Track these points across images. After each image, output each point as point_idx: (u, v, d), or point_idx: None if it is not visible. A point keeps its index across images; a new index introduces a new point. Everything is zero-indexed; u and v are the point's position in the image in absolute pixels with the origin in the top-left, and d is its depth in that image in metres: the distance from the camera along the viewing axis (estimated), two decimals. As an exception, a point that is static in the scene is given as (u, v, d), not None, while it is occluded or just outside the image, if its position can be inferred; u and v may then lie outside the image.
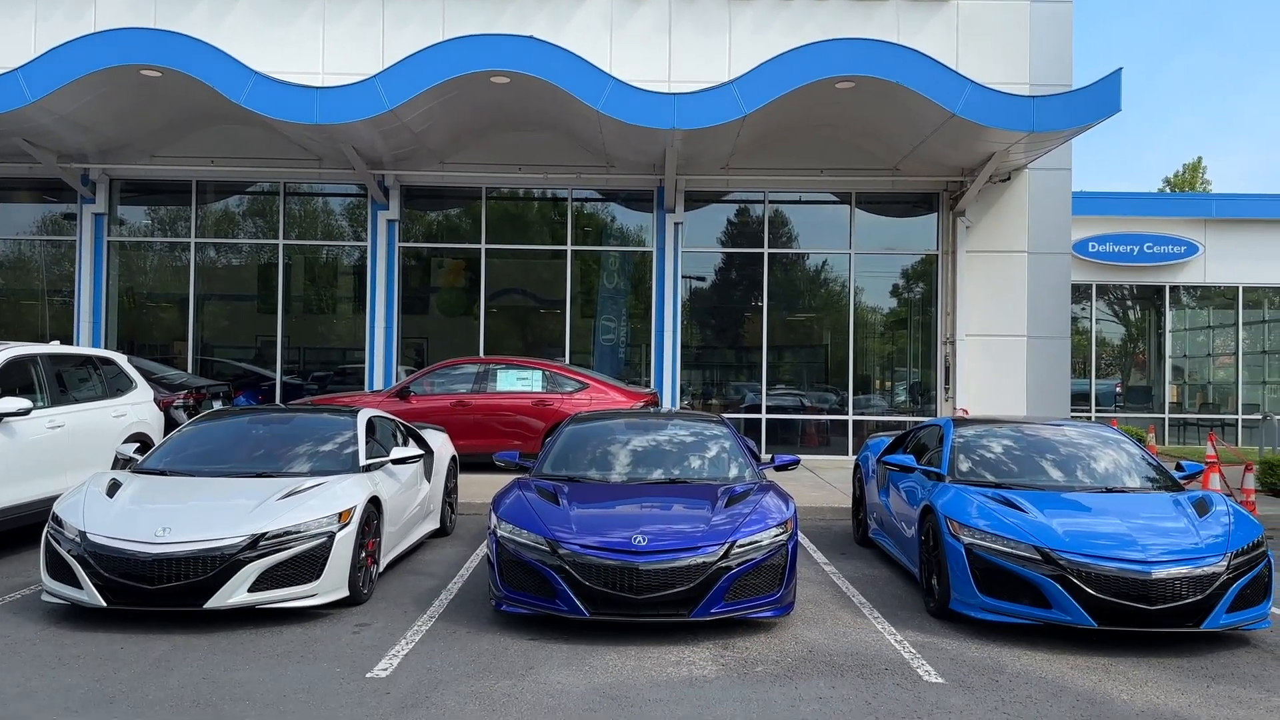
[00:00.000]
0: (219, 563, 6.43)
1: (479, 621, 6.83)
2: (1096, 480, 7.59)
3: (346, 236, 17.31)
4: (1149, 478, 7.68)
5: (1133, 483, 7.57)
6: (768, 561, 6.54)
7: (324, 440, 8.16)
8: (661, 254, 16.49)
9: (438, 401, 13.78)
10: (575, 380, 13.97)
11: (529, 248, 17.20)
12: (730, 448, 8.06)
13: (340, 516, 6.96)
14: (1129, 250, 20.65)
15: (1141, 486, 7.52)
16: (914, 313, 17.35)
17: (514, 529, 6.71)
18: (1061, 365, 16.45)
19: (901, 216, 17.11)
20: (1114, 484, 7.53)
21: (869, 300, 17.24)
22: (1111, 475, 7.67)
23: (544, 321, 17.38)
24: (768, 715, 5.07)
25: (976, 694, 5.46)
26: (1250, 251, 20.72)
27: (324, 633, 6.53)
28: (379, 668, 5.80)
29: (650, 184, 16.48)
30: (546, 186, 16.83)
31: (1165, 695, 5.49)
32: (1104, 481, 7.57)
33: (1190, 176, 45.30)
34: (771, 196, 16.73)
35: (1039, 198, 16.31)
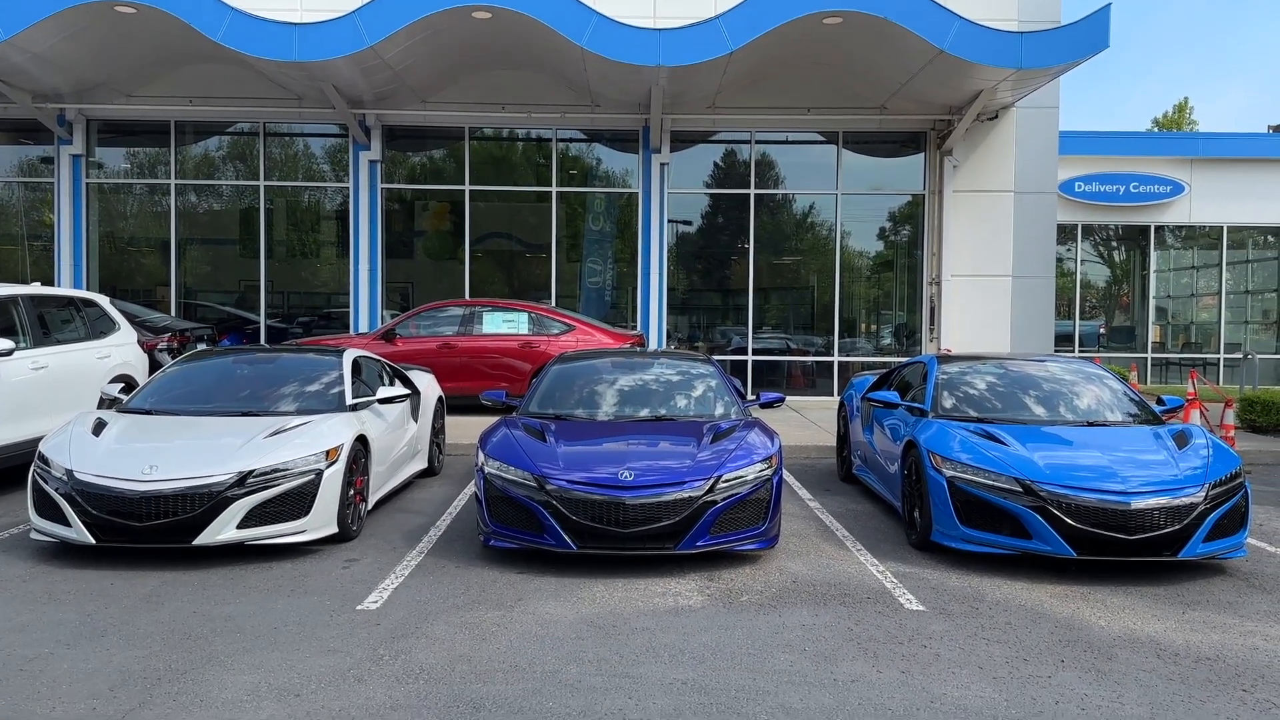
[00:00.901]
0: (207, 500, 6.46)
1: (468, 557, 6.90)
2: (1078, 415, 7.67)
3: (328, 178, 17.14)
4: (1130, 412, 7.76)
5: (1114, 417, 7.66)
6: (753, 496, 6.61)
7: (310, 380, 8.15)
8: (647, 196, 16.39)
9: (423, 344, 13.76)
10: (561, 322, 13.96)
11: (513, 189, 17.07)
12: (716, 386, 8.10)
13: (328, 454, 6.98)
14: (1115, 190, 20.63)
15: (1122, 420, 7.60)
16: (899, 254, 17.35)
17: (501, 465, 6.75)
18: (1046, 305, 16.52)
19: (888, 156, 17.02)
20: (1095, 418, 7.61)
21: (855, 242, 17.22)
22: (1093, 410, 7.75)
23: (529, 265, 17.31)
24: (753, 641, 5.16)
25: (956, 620, 5.56)
26: (1235, 190, 20.72)
27: (313, 568, 6.58)
28: (369, 600, 5.86)
29: (636, 124, 16.33)
30: (530, 126, 16.65)
31: (1142, 621, 5.61)
32: (1086, 416, 7.65)
33: (1178, 117, 45.16)
34: (758, 136, 16.61)
35: (1026, 137, 16.25)
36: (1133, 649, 5.12)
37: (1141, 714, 4.28)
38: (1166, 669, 4.84)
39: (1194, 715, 4.29)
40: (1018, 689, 4.55)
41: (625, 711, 4.26)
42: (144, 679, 4.60)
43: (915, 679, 4.65)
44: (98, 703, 4.33)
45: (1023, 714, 4.26)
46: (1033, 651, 5.06)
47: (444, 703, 4.35)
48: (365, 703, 4.35)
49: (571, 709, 4.28)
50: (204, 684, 4.55)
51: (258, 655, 4.93)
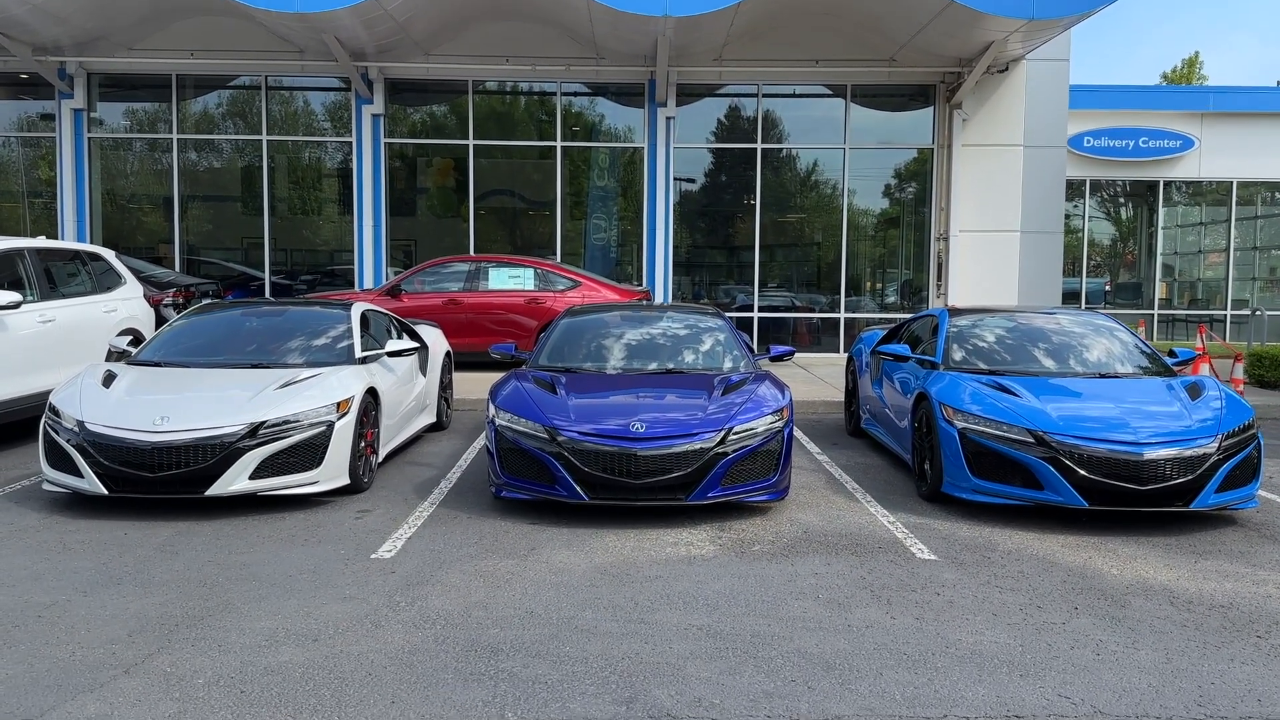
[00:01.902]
0: (219, 450, 6.46)
1: (479, 508, 6.91)
2: (1090, 366, 7.64)
3: (331, 133, 17.00)
4: (1142, 364, 7.73)
5: (1126, 368, 7.63)
6: (764, 448, 6.61)
7: (319, 333, 8.13)
8: (653, 150, 16.25)
9: (429, 300, 13.72)
10: (567, 278, 13.91)
11: (517, 144, 16.93)
12: (725, 339, 8.07)
13: (339, 406, 6.97)
14: (1124, 145, 20.44)
15: (1134, 372, 7.58)
16: (907, 210, 17.23)
17: (512, 417, 6.74)
18: (1053, 261, 16.43)
19: (897, 110, 16.85)
20: (1107, 370, 7.58)
21: (862, 198, 17.09)
22: (1105, 361, 7.73)
23: (533, 222, 17.22)
24: (765, 589, 5.18)
25: (968, 569, 5.58)
26: (1246, 146, 20.52)
27: (326, 518, 6.60)
28: (383, 549, 5.88)
29: (641, 76, 16.15)
30: (534, 79, 16.48)
31: (1154, 570, 5.62)
32: (1097, 368, 7.62)
33: (1187, 72, 44.67)
34: (765, 89, 16.43)
35: (1036, 90, 16.07)
36: (1146, 597, 5.14)
37: (1156, 659, 4.30)
38: (1180, 616, 4.85)
39: (1208, 660, 4.30)
40: (1032, 635, 4.56)
41: (642, 655, 4.28)
42: (162, 625, 4.62)
43: (929, 625, 4.66)
44: (116, 647, 4.35)
45: (1037, 659, 4.28)
46: (1046, 599, 5.08)
47: (462, 647, 4.36)
48: (383, 647, 4.37)
49: (589, 653, 4.30)
50: (222, 629, 4.57)
51: (274, 602, 4.95)
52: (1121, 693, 3.95)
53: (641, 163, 16.46)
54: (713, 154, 16.91)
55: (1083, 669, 4.17)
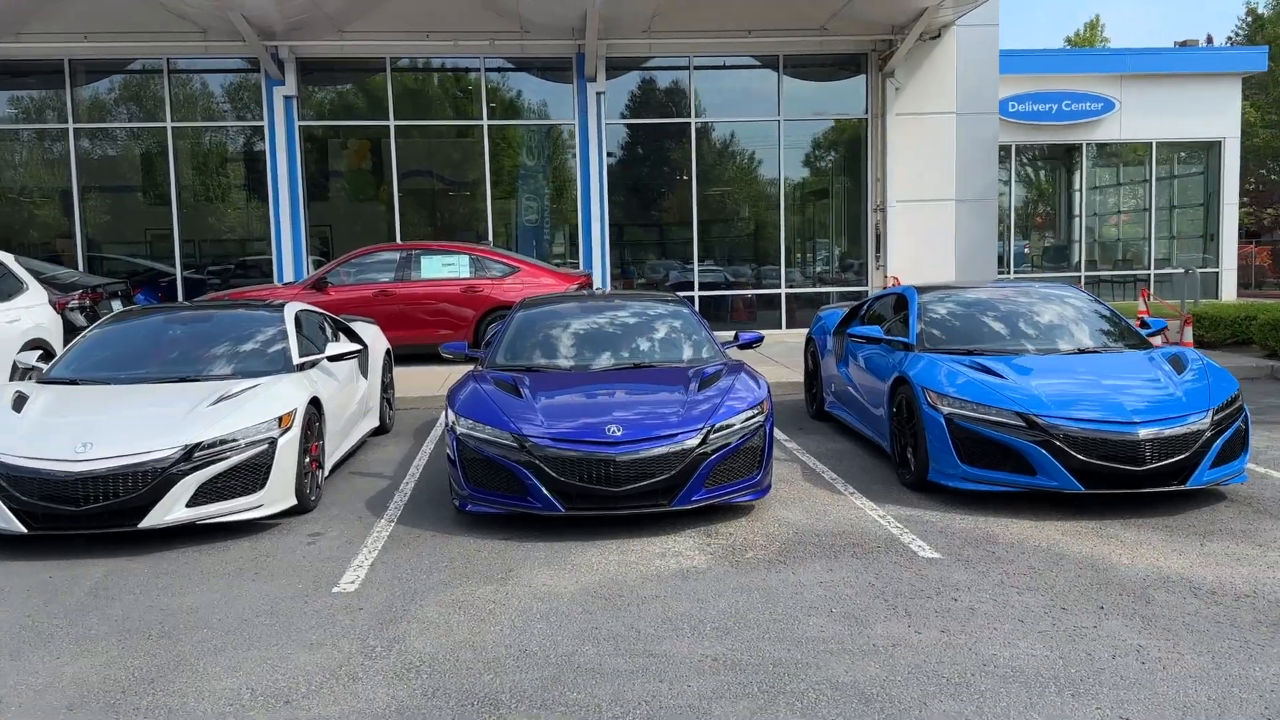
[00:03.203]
0: (151, 478, 5.83)
1: (442, 523, 6.41)
2: (1069, 342, 7.43)
3: (241, 117, 16.06)
4: (1118, 337, 7.55)
5: (1104, 342, 7.43)
6: (746, 445, 6.23)
7: (251, 338, 7.49)
8: (584, 127, 15.71)
9: (358, 292, 13.03)
10: (505, 264, 13.34)
11: (440, 123, 16.23)
12: (693, 328, 7.66)
13: (281, 421, 6.38)
14: (1048, 109, 20.54)
15: (1113, 346, 7.38)
16: (843, 182, 17.01)
17: (475, 424, 6.24)
18: (989, 228, 16.40)
19: (830, 80, 16.58)
20: (1086, 345, 7.38)
21: (797, 171, 16.82)
22: (1081, 336, 7.52)
23: (460, 204, 16.56)
24: (774, 606, 4.80)
25: (977, 568, 5.28)
26: (1163, 107, 20.80)
27: (275, 546, 6.03)
28: (345, 581, 5.35)
29: (568, 50, 15.57)
30: (456, 55, 15.76)
31: (1163, 557, 5.40)
32: (1076, 343, 7.41)
33: (1090, 35, 45.51)
34: (697, 62, 15.98)
35: (967, 56, 15.94)
36: (1166, 589, 4.90)
37: (1204, 664, 4.04)
38: (1209, 610, 4.61)
39: (1256, 663, 4.06)
40: (1066, 643, 4.27)
41: (659, 698, 3.87)
42: (106, 693, 4.05)
43: (958, 639, 4.34)
44: (56, 727, 3.78)
45: (1082, 672, 3.98)
46: (1067, 599, 4.80)
47: (455, 700, 3.90)
48: (366, 706, 3.88)
49: (600, 698, 3.88)
50: (177, 694, 4.02)
51: (233, 654, 4.41)
52: (1184, 709, 3.67)
53: (572, 140, 15.90)
54: (645, 129, 16.44)
55: (1133, 682, 3.89)
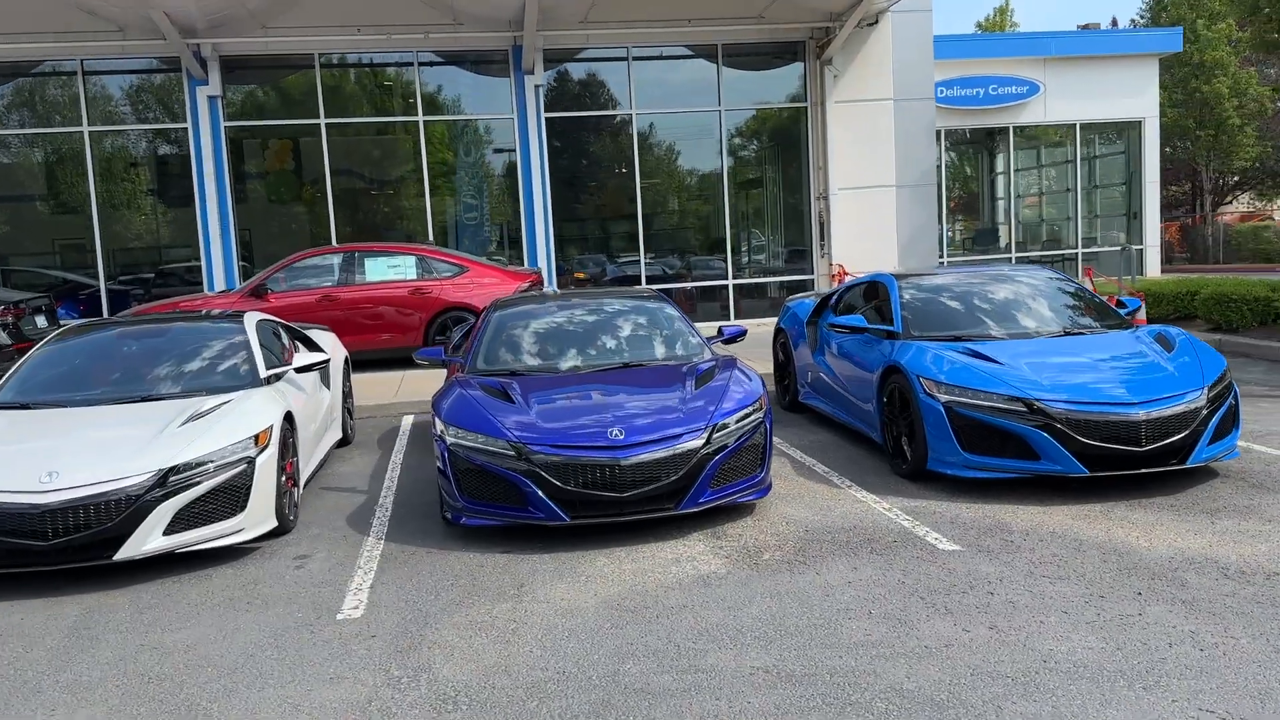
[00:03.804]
0: (125, 506, 5.43)
1: (434, 538, 6.12)
2: (1052, 324, 7.42)
3: (162, 119, 15.35)
4: (1099, 316, 7.57)
5: (1088, 324, 7.44)
6: (748, 442, 6.07)
7: (212, 352, 7.08)
8: (523, 122, 15.37)
9: (300, 298, 12.53)
10: (452, 264, 12.97)
11: (374, 120, 15.74)
12: (677, 323, 7.47)
13: (257, 439, 6.01)
14: (975, 93, 20.82)
15: (1097, 326, 7.39)
16: (786, 170, 16.97)
17: (467, 433, 5.96)
18: (930, 214, 16.52)
19: (769, 69, 16.51)
20: (1071, 327, 7.37)
21: (740, 161, 16.74)
22: (1065, 318, 7.53)
23: (397, 203, 16.09)
24: (807, 610, 4.65)
25: (1000, 558, 5.20)
26: (1086, 89, 21.24)
27: (261, 572, 5.68)
28: (348, 607, 5.04)
29: (504, 43, 15.21)
30: (389, 50, 15.27)
31: (1179, 537, 5.39)
32: (1060, 325, 7.41)
33: (999, 20, 46.38)
34: (635, 52, 15.76)
35: (902, 42, 16.01)
36: (1196, 571, 4.87)
37: (1264, 649, 3.99)
38: (1246, 591, 4.59)
39: (1310, 642, 4.03)
40: (1118, 633, 4.20)
41: (721, 717, 3.68)
42: (116, 748, 3.71)
43: (1009, 635, 4.23)
44: (69, 791, 3.44)
45: (1145, 664, 3.90)
46: (1102, 586, 4.74)
47: (505, 733, 3.66)
48: (409, 745, 3.61)
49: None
50: (197, 746, 3.70)
51: (246, 696, 4.09)
52: (1260, 696, 3.61)
53: (511, 135, 15.55)
54: (585, 123, 16.17)
55: (1200, 671, 3.82)
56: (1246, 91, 33.69)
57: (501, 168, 16.02)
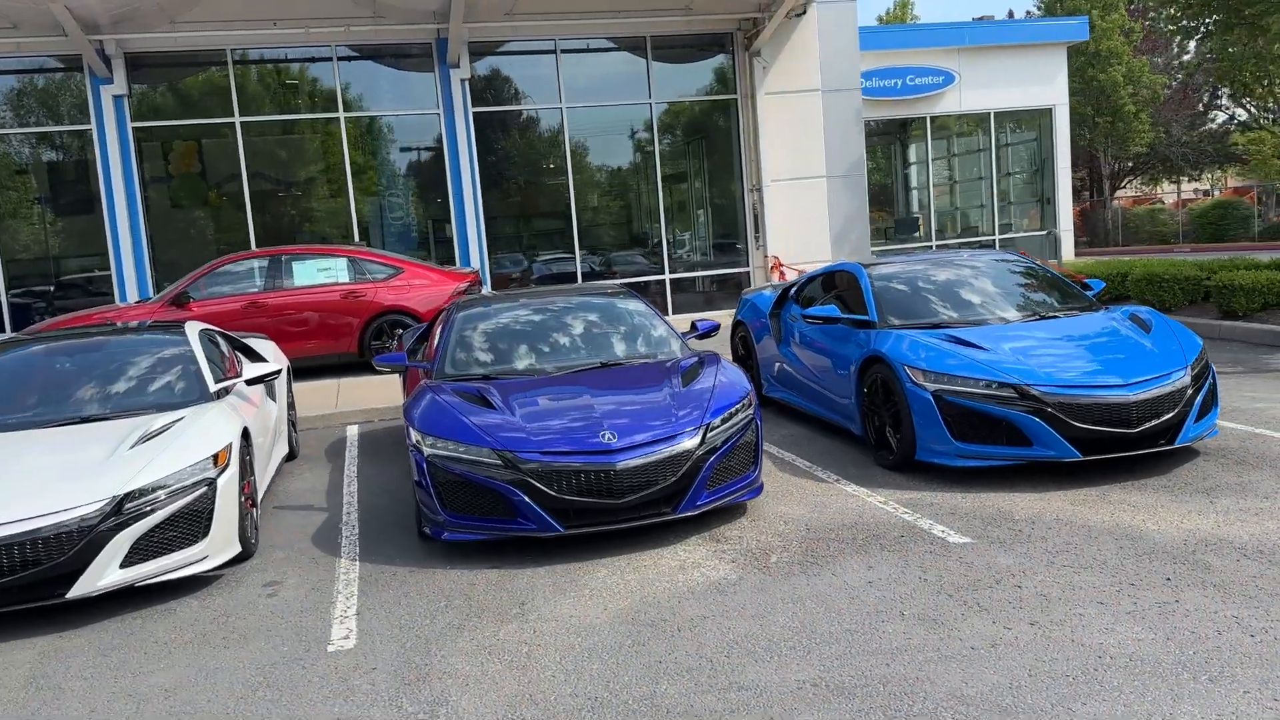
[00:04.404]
0: (78, 538, 4.94)
1: (411, 556, 5.75)
2: (1025, 308, 7.36)
3: (64, 121, 14.44)
4: (1069, 299, 7.54)
5: (1064, 307, 7.39)
6: (741, 440, 5.84)
7: (155, 366, 6.56)
8: (450, 117, 14.90)
9: (225, 305, 11.88)
10: (386, 265, 12.46)
11: (293, 118, 15.08)
12: (651, 319, 7.21)
13: (216, 459, 5.55)
14: (894, 84, 21.01)
15: (1072, 309, 7.35)
16: (718, 163, 16.81)
17: (447, 444, 5.60)
18: (860, 203, 16.56)
19: (698, 61, 16.34)
20: (1045, 310, 7.32)
21: (672, 154, 16.53)
22: (1038, 301, 7.48)
23: (321, 204, 15.46)
24: (835, 614, 4.44)
25: (1016, 549, 5.07)
26: (999, 78, 21.60)
27: (230, 602, 5.24)
28: (337, 637, 4.65)
29: (428, 36, 14.71)
30: (308, 45, 14.62)
31: (1184, 518, 5.34)
32: (1034, 309, 7.35)
33: (900, 13, 47.20)
34: (563, 45, 15.42)
35: (829, 33, 16.01)
36: (1215, 553, 4.81)
37: (1311, 630, 3.92)
38: (1272, 571, 4.53)
39: (1353, 621, 3.98)
40: (1161, 622, 4.09)
41: (780, 737, 3.44)
42: (109, 816, 3.30)
43: (1053, 631, 4.09)
44: None
45: (1200, 654, 3.79)
46: (1127, 573, 4.64)
47: (550, 770, 3.35)
48: (446, 791, 3.28)
49: (715, 747, 3.41)
50: (203, 807, 3.31)
51: (248, 745, 3.70)
52: (1329, 683, 3.52)
53: (438, 131, 15.05)
54: (514, 117, 15.78)
55: (1260, 659, 3.72)
56: (1140, 79, 34.92)
57: (428, 165, 15.51)
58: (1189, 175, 43.90)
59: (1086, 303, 7.50)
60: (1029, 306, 7.38)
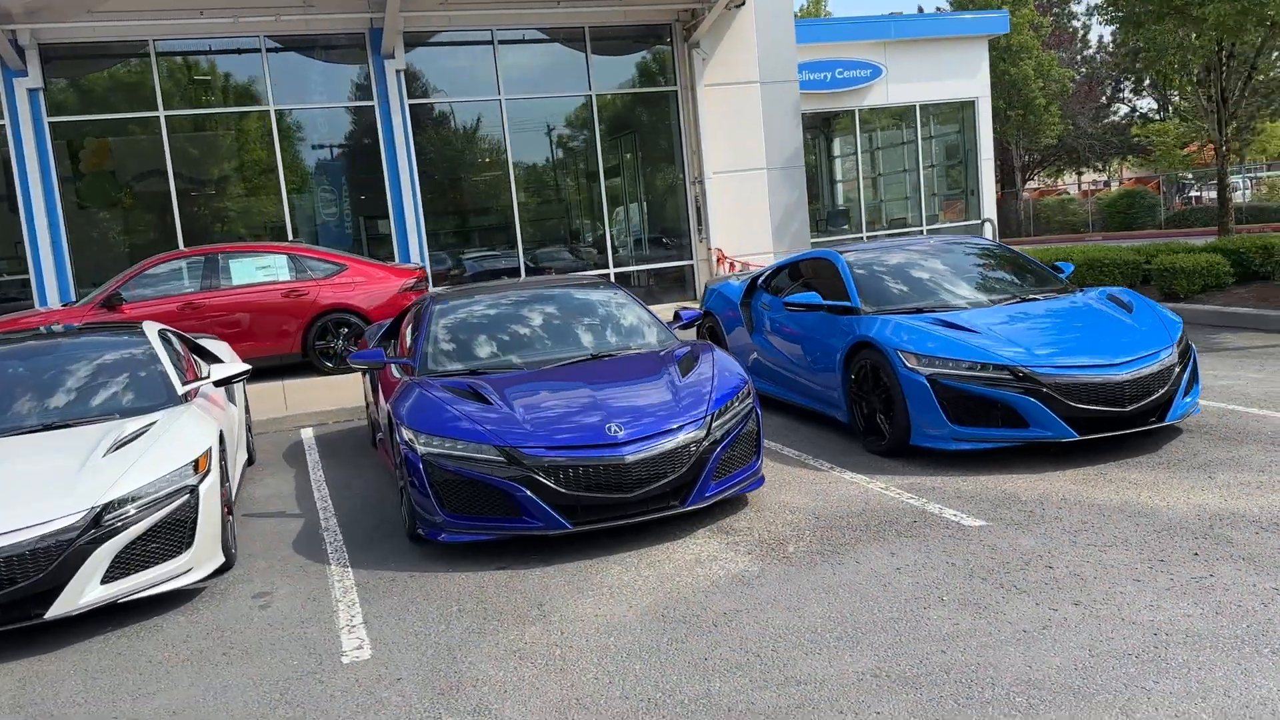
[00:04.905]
0: (56, 554, 4.59)
1: (407, 560, 5.50)
2: (1005, 291, 7.38)
3: (-29, 116, 13.60)
4: (1045, 281, 7.59)
5: (1039, 289, 7.43)
6: (744, 430, 5.73)
7: (116, 367, 6.17)
8: (386, 110, 14.45)
9: (159, 306, 11.29)
10: (330, 263, 12.01)
11: (221, 111, 14.45)
12: (635, 309, 7.04)
13: (197, 465, 5.23)
14: (824, 77, 21.14)
15: (1048, 291, 7.40)
16: (660, 155, 16.66)
17: (444, 441, 5.36)
18: (800, 194, 16.59)
19: (638, 52, 16.15)
20: (1024, 293, 7.34)
21: (614, 146, 16.32)
22: (1016, 284, 7.51)
23: (250, 201, 14.84)
24: (871, 603, 4.33)
25: (1034, 531, 5.04)
26: (924, 70, 21.91)
27: (220, 616, 4.92)
28: (350, 648, 4.39)
29: (361, 25, 14.24)
30: (236, 35, 14.01)
31: (1189, 494, 5.38)
32: (1014, 292, 7.37)
33: (814, 8, 47.78)
34: (500, 35, 15.08)
35: (766, 24, 15.98)
36: (1232, 526, 4.84)
37: (1353, 599, 3.95)
38: (1293, 542, 4.59)
39: (1388, 588, 4.02)
40: (1204, 597, 4.08)
41: (856, 731, 3.32)
42: None
43: (1101, 610, 4.04)
44: None
45: (1256, 626, 3.78)
46: (1153, 549, 4.64)
47: (623, 778, 3.17)
48: (515, 806, 3.08)
49: (791, 745, 3.27)
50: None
51: (281, 768, 3.44)
52: (1388, 650, 3.53)
53: (373, 124, 14.60)
54: (453, 109, 15.39)
55: (1313, 630, 3.73)
56: (1049, 73, 35.93)
57: (363, 159, 15.04)
58: (1093, 166, 45.41)
59: (1061, 285, 7.56)
60: (1008, 290, 7.41)
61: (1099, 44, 44.14)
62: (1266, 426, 6.54)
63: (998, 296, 7.27)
